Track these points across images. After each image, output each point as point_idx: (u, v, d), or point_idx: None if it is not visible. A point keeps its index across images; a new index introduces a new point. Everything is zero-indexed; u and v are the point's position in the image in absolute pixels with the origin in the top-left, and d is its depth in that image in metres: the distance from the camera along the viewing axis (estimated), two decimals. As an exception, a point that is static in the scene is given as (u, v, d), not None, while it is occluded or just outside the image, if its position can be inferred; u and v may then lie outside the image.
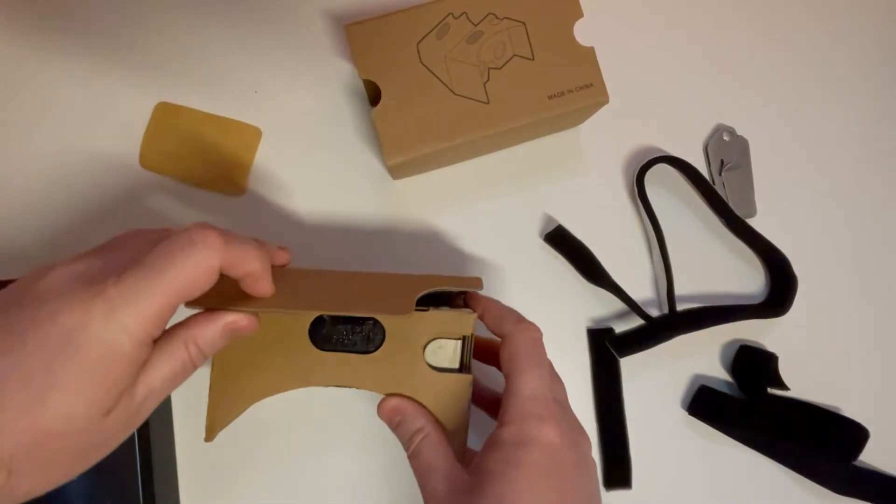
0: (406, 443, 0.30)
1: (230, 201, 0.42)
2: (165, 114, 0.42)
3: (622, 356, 0.41)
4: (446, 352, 0.32)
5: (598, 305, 0.43)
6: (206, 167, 0.42)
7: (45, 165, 0.42)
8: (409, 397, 0.31)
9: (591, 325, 0.42)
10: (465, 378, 0.31)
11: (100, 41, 0.43)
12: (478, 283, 0.34)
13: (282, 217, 0.42)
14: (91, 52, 0.43)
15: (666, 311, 0.42)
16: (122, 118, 0.42)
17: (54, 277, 0.23)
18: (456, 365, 0.32)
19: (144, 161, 0.42)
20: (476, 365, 0.34)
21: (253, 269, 0.26)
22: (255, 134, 0.43)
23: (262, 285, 0.27)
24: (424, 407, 0.31)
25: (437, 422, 0.31)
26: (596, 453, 0.41)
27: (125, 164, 0.42)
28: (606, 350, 0.41)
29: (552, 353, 0.40)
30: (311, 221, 0.42)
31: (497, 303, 0.32)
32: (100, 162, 0.42)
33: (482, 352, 0.35)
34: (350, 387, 0.32)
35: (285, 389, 0.32)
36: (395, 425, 0.31)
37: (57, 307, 0.22)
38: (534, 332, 0.31)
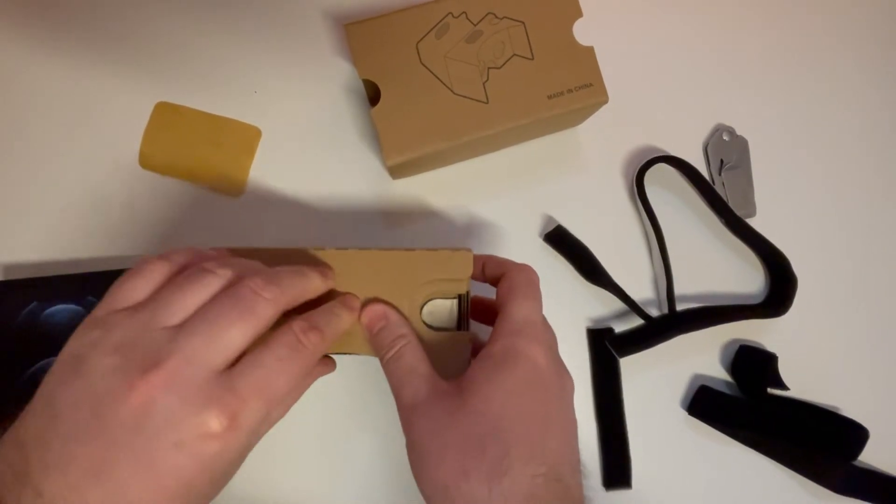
0: (386, 346, 0.30)
1: (230, 201, 0.42)
2: (165, 114, 0.42)
3: (622, 356, 0.41)
4: (443, 311, 0.32)
5: (597, 305, 0.43)
6: (205, 167, 0.42)
7: (45, 165, 0.41)
8: (394, 307, 0.31)
9: (590, 324, 0.42)
10: (464, 335, 0.31)
11: (100, 41, 0.43)
12: (468, 256, 0.32)
13: (281, 217, 0.42)
14: (91, 52, 0.43)
15: (666, 310, 0.42)
16: (121, 118, 0.42)
17: (143, 395, 0.23)
18: (454, 324, 0.32)
19: (144, 161, 0.42)
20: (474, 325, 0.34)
21: (308, 296, 0.29)
22: (255, 134, 0.43)
23: (322, 291, 0.30)
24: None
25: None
26: (596, 453, 0.41)
27: (125, 164, 0.42)
28: (606, 350, 0.41)
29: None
30: (310, 221, 0.42)
31: (496, 256, 0.33)
32: (100, 162, 0.42)
33: (480, 312, 0.35)
34: (347, 352, 0.32)
35: None
36: (377, 330, 0.30)
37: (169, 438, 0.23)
38: (532, 272, 0.31)
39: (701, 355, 0.43)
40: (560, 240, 0.42)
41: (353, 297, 0.31)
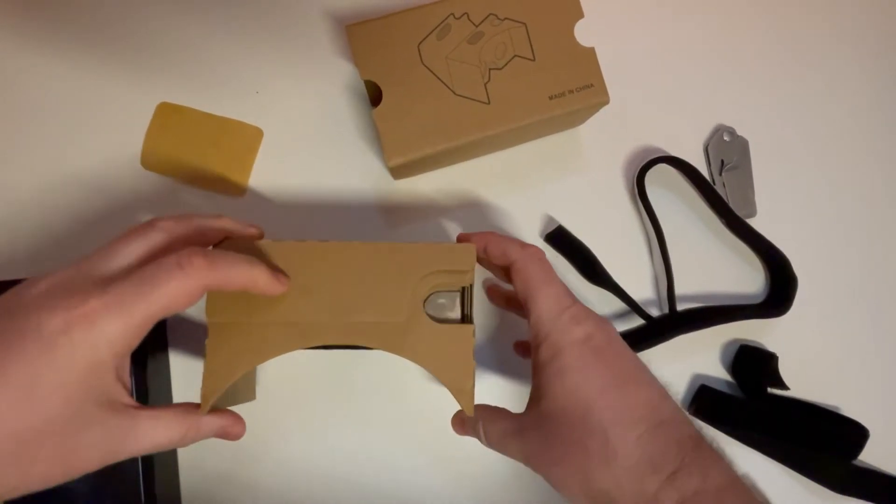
0: (476, 435, 0.32)
1: (231, 202, 0.42)
2: (167, 114, 0.42)
3: None
4: (447, 304, 0.32)
5: (598, 305, 0.43)
6: (207, 167, 0.42)
7: (47, 166, 0.42)
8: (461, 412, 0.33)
9: None
10: (468, 328, 0.31)
11: (102, 42, 0.43)
12: (470, 248, 0.32)
13: (283, 217, 0.42)
14: (93, 53, 0.43)
15: (666, 310, 0.42)
16: (123, 118, 0.42)
17: (42, 287, 0.25)
18: (457, 317, 0.32)
19: (146, 161, 0.42)
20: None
21: (246, 285, 0.28)
22: (257, 134, 0.43)
23: (268, 291, 0.29)
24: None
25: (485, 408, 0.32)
26: None
27: (127, 164, 0.42)
28: None
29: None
30: (312, 221, 0.42)
31: (495, 234, 0.33)
32: (101, 162, 0.42)
33: (499, 298, 0.38)
34: (351, 344, 0.31)
35: (284, 351, 0.31)
36: (464, 434, 0.34)
37: (42, 316, 0.23)
38: (538, 252, 0.32)
39: (701, 355, 0.43)
40: (560, 240, 0.42)
41: (282, 275, 0.30)
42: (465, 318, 0.32)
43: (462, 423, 0.33)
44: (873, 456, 0.41)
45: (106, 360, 0.24)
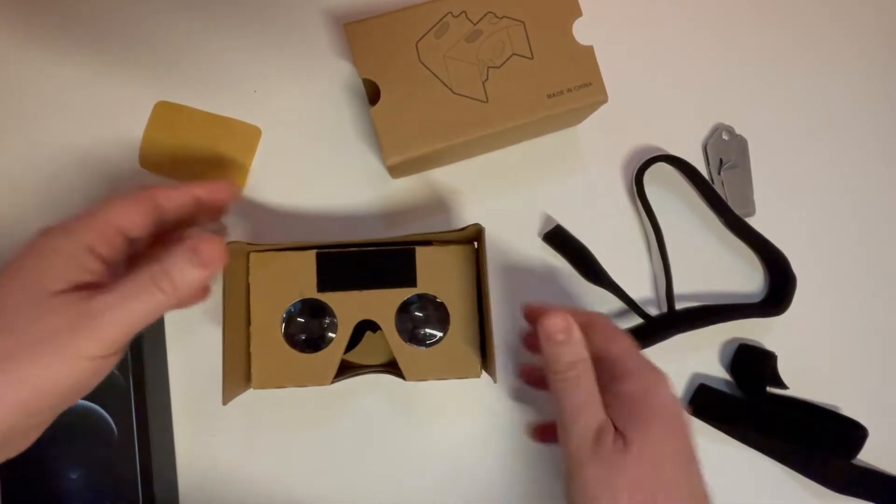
0: (564, 364, 0.30)
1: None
2: (165, 113, 0.42)
3: None
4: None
5: (596, 305, 0.43)
6: (205, 167, 0.42)
7: (45, 165, 0.42)
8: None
9: None
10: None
11: (100, 41, 0.43)
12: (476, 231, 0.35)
13: (281, 216, 0.42)
14: (90, 52, 0.43)
15: (665, 309, 0.42)
16: (121, 117, 0.42)
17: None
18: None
19: (144, 161, 0.42)
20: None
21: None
22: (255, 133, 0.43)
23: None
24: None
25: None
26: None
27: (125, 163, 0.42)
28: None
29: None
30: (310, 221, 0.42)
31: (608, 320, 0.33)
32: (100, 162, 0.42)
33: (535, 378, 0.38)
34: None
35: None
36: (558, 342, 0.30)
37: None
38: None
39: (700, 354, 0.43)
40: (559, 239, 0.42)
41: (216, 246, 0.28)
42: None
43: (564, 329, 0.30)
44: (872, 455, 0.41)
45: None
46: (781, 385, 0.41)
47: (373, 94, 0.38)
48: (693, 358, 0.42)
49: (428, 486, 0.40)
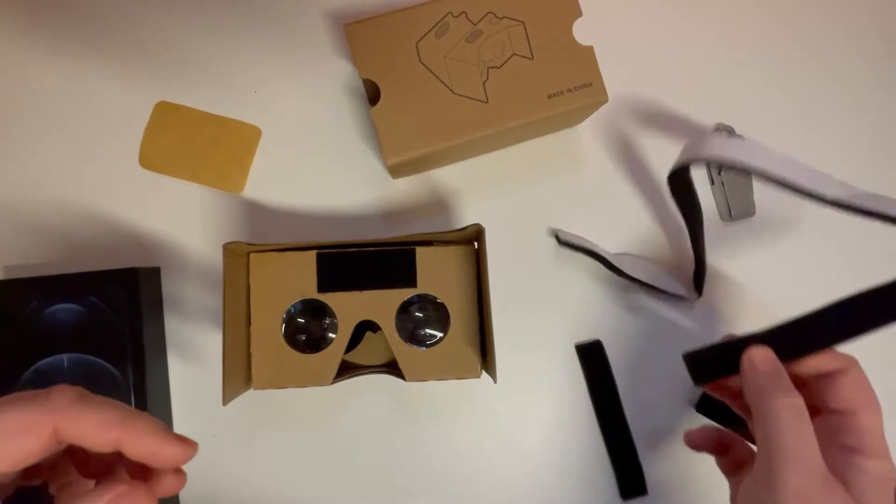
0: (774, 407, 0.27)
1: (230, 201, 0.42)
2: (165, 113, 0.42)
3: (699, 383, 0.34)
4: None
5: (598, 305, 0.43)
6: (205, 167, 0.42)
7: (45, 165, 0.42)
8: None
9: (579, 340, 0.42)
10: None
11: (100, 41, 0.43)
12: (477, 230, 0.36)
13: (281, 217, 0.42)
14: (91, 52, 0.43)
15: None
16: (121, 118, 0.42)
17: None
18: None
19: (144, 161, 0.42)
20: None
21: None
22: (255, 133, 0.43)
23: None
24: None
25: None
26: (607, 467, 0.41)
27: (125, 163, 0.42)
28: (597, 363, 0.41)
29: (551, 360, 0.40)
30: (310, 221, 0.42)
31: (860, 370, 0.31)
32: (99, 162, 0.42)
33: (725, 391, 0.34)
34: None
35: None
36: (764, 374, 0.29)
37: None
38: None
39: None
40: (570, 245, 0.42)
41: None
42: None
43: (772, 359, 0.30)
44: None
45: None
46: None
47: (373, 94, 0.38)
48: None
49: (428, 486, 0.40)
